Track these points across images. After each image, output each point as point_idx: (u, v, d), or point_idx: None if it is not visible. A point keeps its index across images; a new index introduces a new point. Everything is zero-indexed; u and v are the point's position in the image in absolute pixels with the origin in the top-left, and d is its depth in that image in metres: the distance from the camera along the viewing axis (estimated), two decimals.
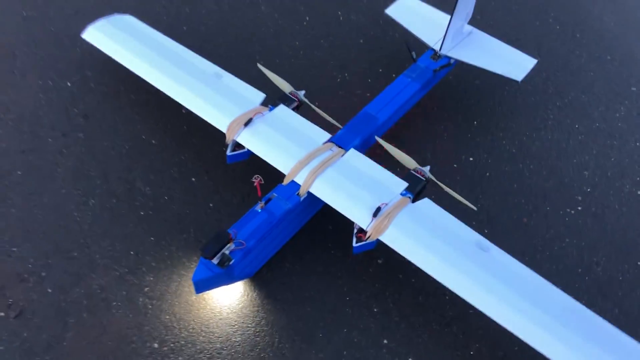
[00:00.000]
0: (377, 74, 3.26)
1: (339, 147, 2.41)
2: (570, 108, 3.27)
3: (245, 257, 2.15)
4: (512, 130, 3.09)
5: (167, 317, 2.25)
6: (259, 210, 2.22)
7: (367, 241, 2.16)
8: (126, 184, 2.61)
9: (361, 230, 2.19)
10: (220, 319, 2.26)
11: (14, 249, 2.38)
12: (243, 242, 2.11)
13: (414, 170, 2.38)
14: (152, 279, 2.34)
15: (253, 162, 2.43)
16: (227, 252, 2.07)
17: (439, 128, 3.03)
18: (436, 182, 2.37)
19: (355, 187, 2.26)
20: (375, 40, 3.47)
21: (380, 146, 2.47)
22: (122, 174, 2.65)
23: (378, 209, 2.16)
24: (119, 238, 2.44)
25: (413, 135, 2.96)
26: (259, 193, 2.15)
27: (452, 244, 2.12)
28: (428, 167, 2.39)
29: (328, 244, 2.49)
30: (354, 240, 2.19)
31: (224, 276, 2.12)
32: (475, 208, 2.35)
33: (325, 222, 2.54)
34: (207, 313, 2.27)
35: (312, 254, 2.45)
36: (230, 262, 2.07)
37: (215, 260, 2.05)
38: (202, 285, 2.11)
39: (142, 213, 2.52)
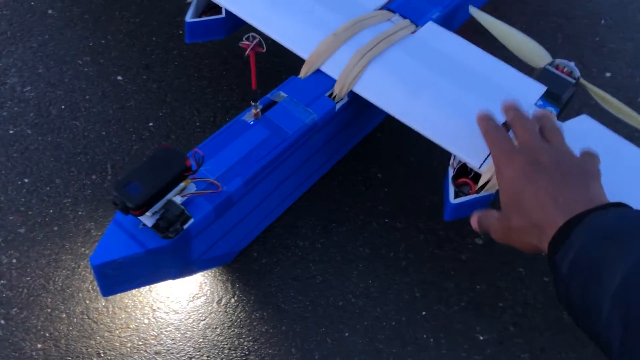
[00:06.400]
0: None
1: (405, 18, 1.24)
2: None
3: (221, 215, 0.96)
4: None
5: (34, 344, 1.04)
6: (251, 122, 1.04)
7: (480, 194, 1.01)
8: None
9: (464, 173, 1.05)
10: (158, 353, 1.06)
11: None
12: (216, 181, 0.93)
13: (550, 65, 1.23)
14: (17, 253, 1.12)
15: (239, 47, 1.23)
16: (178, 199, 0.87)
17: None
18: (593, 91, 1.23)
19: (447, 86, 1.10)
20: None
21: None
22: None
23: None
24: None
25: None
26: (254, 79, 0.97)
27: None
28: (573, 63, 1.25)
29: (379, 205, 1.30)
30: (450, 192, 1.04)
31: (168, 256, 0.92)
32: None
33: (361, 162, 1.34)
34: (126, 337, 1.07)
35: (345, 226, 1.26)
36: (186, 225, 0.88)
37: (148, 219, 0.85)
38: (115, 276, 0.90)
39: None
